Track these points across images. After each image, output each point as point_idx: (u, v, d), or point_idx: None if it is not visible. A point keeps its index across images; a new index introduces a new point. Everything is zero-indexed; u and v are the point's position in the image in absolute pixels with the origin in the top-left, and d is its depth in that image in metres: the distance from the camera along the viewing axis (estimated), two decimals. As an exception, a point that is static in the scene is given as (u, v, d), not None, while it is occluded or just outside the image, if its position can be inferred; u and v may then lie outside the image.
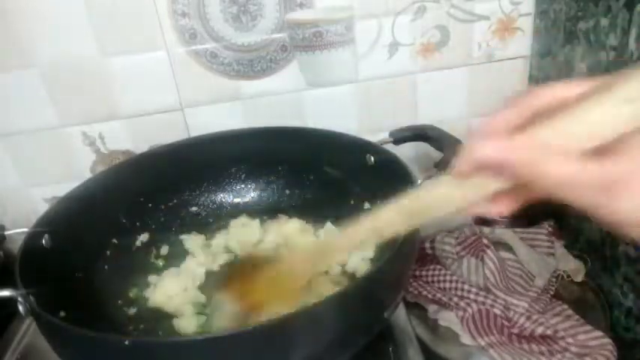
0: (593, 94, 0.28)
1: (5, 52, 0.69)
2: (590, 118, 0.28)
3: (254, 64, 0.75)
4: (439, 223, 0.90)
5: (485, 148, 0.31)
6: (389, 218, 0.37)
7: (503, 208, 0.35)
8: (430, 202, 0.36)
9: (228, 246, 0.71)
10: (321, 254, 0.46)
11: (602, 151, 0.29)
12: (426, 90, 0.81)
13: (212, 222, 0.75)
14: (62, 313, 0.50)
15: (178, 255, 0.71)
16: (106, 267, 0.66)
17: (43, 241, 0.56)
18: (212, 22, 0.71)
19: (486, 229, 0.81)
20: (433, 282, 0.76)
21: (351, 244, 0.42)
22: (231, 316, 0.50)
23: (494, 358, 0.64)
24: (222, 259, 0.69)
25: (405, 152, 0.70)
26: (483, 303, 0.71)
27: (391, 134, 0.70)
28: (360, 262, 0.65)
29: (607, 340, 0.65)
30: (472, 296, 0.72)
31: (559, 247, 0.79)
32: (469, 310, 0.70)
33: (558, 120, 0.29)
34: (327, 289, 0.57)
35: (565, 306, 0.71)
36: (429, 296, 0.73)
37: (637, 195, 0.29)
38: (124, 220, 0.70)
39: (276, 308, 0.46)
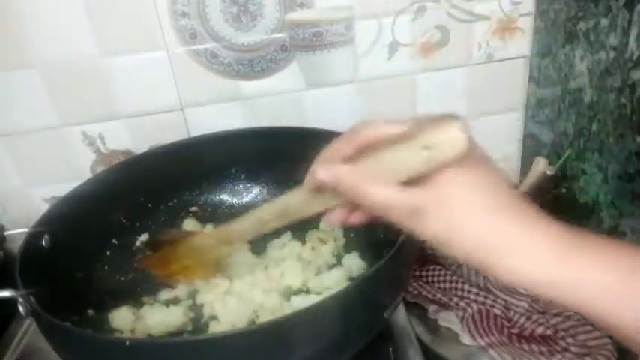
0: (403, 139, 0.35)
1: (5, 52, 0.69)
2: (399, 157, 0.35)
3: (254, 64, 0.75)
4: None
5: (319, 172, 0.39)
6: (265, 217, 0.49)
7: (355, 220, 0.42)
8: (292, 207, 0.46)
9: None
10: (219, 240, 0.58)
11: (413, 185, 0.35)
12: (426, 90, 0.81)
13: (212, 222, 0.75)
14: (62, 314, 0.50)
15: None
16: (106, 267, 0.66)
17: (43, 241, 0.56)
18: (212, 22, 0.71)
19: (486, 229, 0.81)
20: (433, 282, 0.76)
21: (240, 235, 0.54)
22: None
23: (494, 358, 0.64)
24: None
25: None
26: (483, 303, 0.71)
27: (391, 134, 0.70)
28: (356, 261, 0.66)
29: (607, 340, 0.65)
30: (472, 296, 0.72)
31: (559, 247, 0.79)
32: (469, 310, 0.70)
33: (376, 156, 0.37)
34: None
35: (565, 306, 0.71)
36: (429, 296, 0.73)
37: (438, 221, 0.35)
38: (124, 220, 0.70)
39: (194, 275, 0.62)
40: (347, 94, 0.79)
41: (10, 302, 0.47)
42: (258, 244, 0.69)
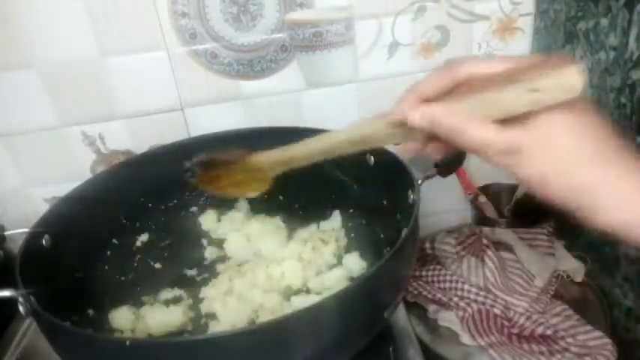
0: (508, 81, 0.34)
1: (5, 52, 0.68)
2: (502, 97, 0.35)
3: (254, 64, 0.75)
4: (439, 223, 0.90)
5: (414, 114, 0.38)
6: (339, 141, 0.47)
7: (434, 150, 0.42)
8: (370, 136, 0.45)
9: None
10: (282, 160, 0.55)
11: (512, 123, 0.35)
12: (426, 90, 0.81)
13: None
14: (62, 314, 0.50)
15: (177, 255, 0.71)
16: (106, 267, 0.66)
17: (43, 241, 0.56)
18: (212, 22, 0.71)
19: (486, 229, 0.81)
20: (433, 282, 0.76)
21: (303, 159, 0.52)
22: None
23: (494, 358, 0.64)
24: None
25: (405, 152, 0.70)
26: (483, 303, 0.71)
27: (391, 134, 0.70)
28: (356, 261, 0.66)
29: (607, 340, 0.65)
30: (472, 296, 0.72)
31: (559, 247, 0.79)
32: (469, 310, 0.70)
33: (477, 95, 0.36)
34: None
35: (565, 306, 0.71)
36: (429, 296, 0.73)
37: (536, 162, 0.35)
38: (124, 220, 0.70)
39: (247, 189, 0.61)
40: (347, 94, 0.79)
41: (10, 302, 0.47)
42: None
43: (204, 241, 0.74)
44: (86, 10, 0.68)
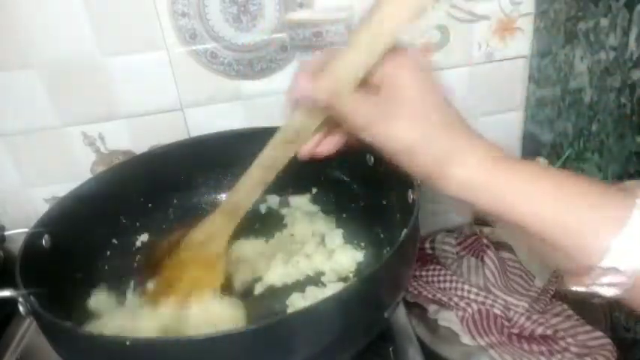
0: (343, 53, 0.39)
1: (5, 51, 0.69)
2: (340, 65, 0.39)
3: (254, 64, 0.75)
4: (439, 223, 0.90)
5: (295, 88, 0.41)
6: (272, 155, 0.49)
7: (329, 145, 0.45)
8: (292, 130, 0.45)
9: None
10: (224, 217, 0.53)
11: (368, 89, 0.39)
12: (426, 90, 0.81)
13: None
14: (62, 313, 0.50)
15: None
16: (106, 267, 0.66)
17: (43, 241, 0.56)
18: (212, 22, 0.71)
19: (486, 229, 0.81)
20: (433, 282, 0.76)
21: (245, 199, 0.52)
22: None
23: (494, 358, 0.64)
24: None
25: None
26: (483, 303, 0.71)
27: (391, 134, 0.70)
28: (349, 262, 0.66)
29: (607, 340, 0.65)
30: (472, 296, 0.72)
31: (559, 247, 0.79)
32: (469, 310, 0.70)
33: (330, 68, 0.39)
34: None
35: (565, 306, 0.71)
36: (429, 296, 0.73)
37: (400, 121, 0.38)
38: (124, 220, 0.70)
39: (205, 283, 0.54)
40: (347, 94, 0.79)
41: (10, 302, 0.47)
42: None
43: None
44: (86, 10, 0.68)
